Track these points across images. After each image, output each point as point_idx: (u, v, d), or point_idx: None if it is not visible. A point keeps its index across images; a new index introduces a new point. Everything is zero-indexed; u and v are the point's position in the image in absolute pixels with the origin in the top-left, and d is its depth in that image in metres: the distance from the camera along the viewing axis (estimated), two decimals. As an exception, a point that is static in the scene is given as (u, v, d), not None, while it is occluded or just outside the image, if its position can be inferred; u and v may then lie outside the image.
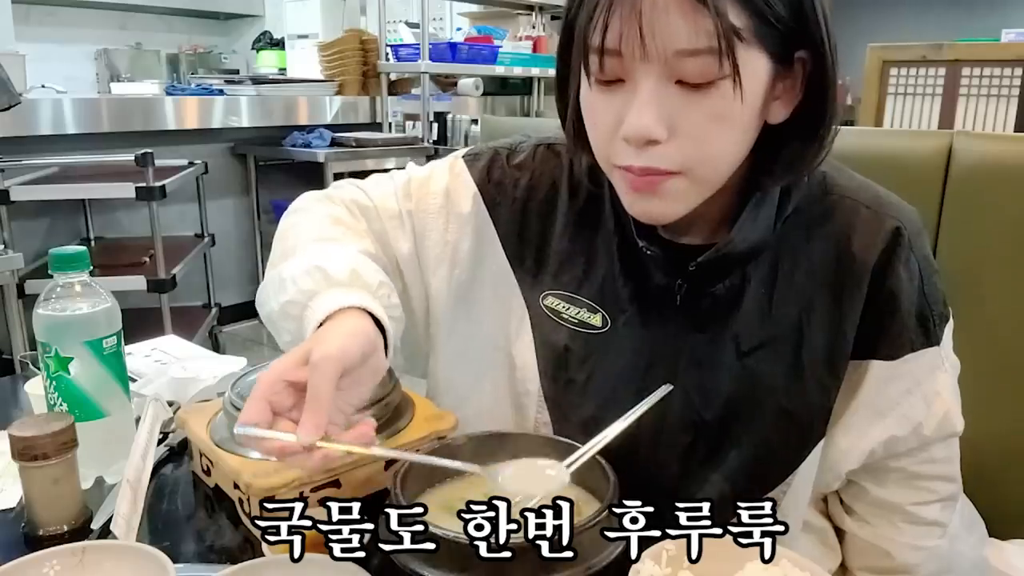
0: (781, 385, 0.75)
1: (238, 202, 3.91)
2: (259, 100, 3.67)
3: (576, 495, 0.70)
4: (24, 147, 2.94)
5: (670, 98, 0.63)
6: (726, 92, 0.62)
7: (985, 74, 2.62)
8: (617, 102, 0.65)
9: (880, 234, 0.73)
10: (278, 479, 0.69)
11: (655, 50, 0.61)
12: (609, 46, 0.63)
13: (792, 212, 0.75)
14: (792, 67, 0.67)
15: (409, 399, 0.84)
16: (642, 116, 0.63)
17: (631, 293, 0.78)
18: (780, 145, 0.70)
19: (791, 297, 0.75)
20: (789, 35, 0.64)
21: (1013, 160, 1.03)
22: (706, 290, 0.75)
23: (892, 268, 0.73)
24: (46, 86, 3.31)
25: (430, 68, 3.88)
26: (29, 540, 0.72)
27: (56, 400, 0.79)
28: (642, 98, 0.63)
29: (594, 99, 0.68)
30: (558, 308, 0.81)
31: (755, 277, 0.75)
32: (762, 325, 0.75)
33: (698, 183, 0.68)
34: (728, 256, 0.73)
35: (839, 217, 0.75)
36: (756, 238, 0.73)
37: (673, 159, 0.65)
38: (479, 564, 0.57)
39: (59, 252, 0.78)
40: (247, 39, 4.62)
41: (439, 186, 0.86)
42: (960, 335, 0.79)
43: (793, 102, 0.68)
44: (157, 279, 2.75)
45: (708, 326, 0.76)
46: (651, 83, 0.63)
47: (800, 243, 0.75)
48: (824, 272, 0.74)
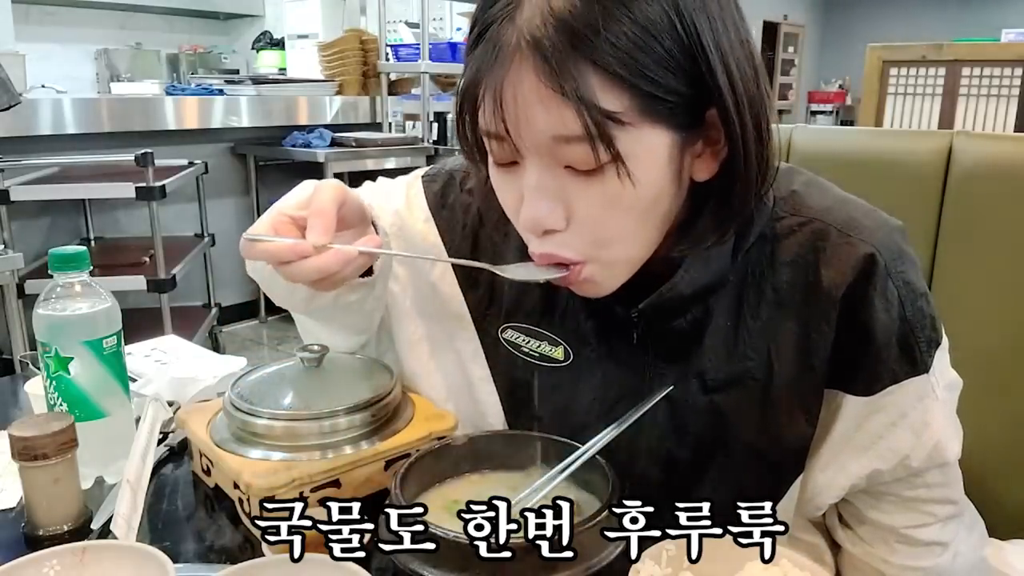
0: (753, 423, 0.71)
1: (238, 202, 3.92)
2: (259, 100, 3.67)
3: (576, 495, 0.70)
4: (24, 147, 2.94)
5: (561, 183, 0.59)
6: (614, 177, 0.58)
7: (985, 74, 2.62)
8: (516, 184, 0.62)
9: (851, 262, 0.66)
10: (278, 479, 0.69)
11: (529, 138, 0.58)
12: (490, 131, 0.60)
13: (756, 239, 0.69)
14: (705, 123, 0.61)
15: (409, 399, 0.84)
16: (535, 206, 0.60)
17: (594, 326, 0.75)
18: (705, 203, 0.64)
19: (757, 330, 0.70)
20: (689, 103, 0.58)
21: (1013, 160, 1.03)
22: (666, 326, 0.71)
23: (866, 299, 0.66)
24: (46, 86, 3.31)
25: (430, 68, 3.88)
26: (29, 540, 0.72)
27: (56, 400, 0.79)
28: (530, 188, 0.60)
29: (497, 180, 0.65)
30: (518, 342, 0.78)
31: (718, 310, 0.70)
32: (728, 360, 0.70)
33: (611, 266, 0.64)
34: (673, 299, 0.69)
35: (807, 242, 0.68)
36: (708, 278, 0.68)
37: (575, 247, 0.62)
38: (479, 564, 0.57)
39: (59, 252, 0.78)
40: (247, 39, 4.62)
41: (393, 206, 0.85)
42: (960, 336, 0.79)
43: (719, 157, 0.62)
44: (157, 279, 2.75)
45: (676, 360, 0.72)
46: (535, 171, 0.59)
47: (766, 271, 0.70)
48: (791, 302, 0.69)
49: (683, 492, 0.72)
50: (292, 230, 0.64)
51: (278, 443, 0.74)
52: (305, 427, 0.74)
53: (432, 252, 0.81)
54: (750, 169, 0.61)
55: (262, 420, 0.74)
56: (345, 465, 0.73)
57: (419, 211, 0.84)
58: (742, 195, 0.63)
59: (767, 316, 0.70)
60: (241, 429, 0.76)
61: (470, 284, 0.81)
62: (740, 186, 0.62)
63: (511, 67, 0.56)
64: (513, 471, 0.74)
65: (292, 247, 0.61)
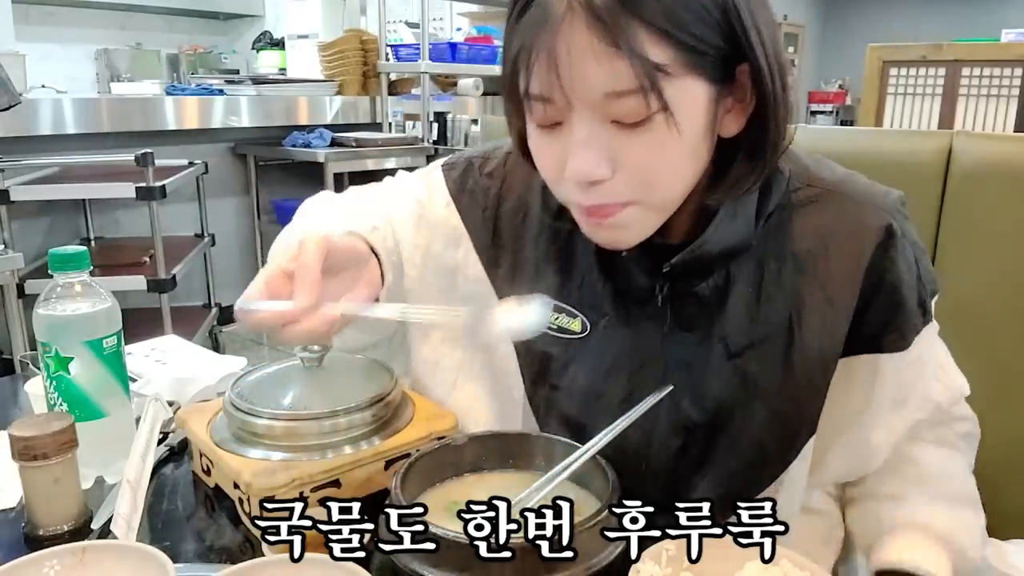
0: (772, 386, 0.74)
1: (238, 202, 3.91)
2: (259, 100, 3.67)
3: (576, 495, 0.70)
4: (24, 147, 2.94)
5: (608, 137, 0.63)
6: (661, 126, 0.62)
7: (985, 74, 2.62)
8: (559, 145, 0.65)
9: (870, 234, 0.72)
10: (278, 479, 0.70)
11: (581, 96, 0.61)
12: (539, 93, 0.63)
13: (775, 209, 0.74)
14: (736, 81, 0.66)
15: (409, 399, 0.84)
16: (582, 159, 0.63)
17: (611, 296, 0.78)
18: (734, 156, 0.69)
19: (779, 296, 0.74)
20: (724, 57, 0.63)
21: (1013, 160, 1.03)
22: (689, 290, 0.74)
23: (891, 262, 0.72)
24: (46, 86, 3.31)
25: (430, 68, 3.88)
26: (29, 540, 0.72)
27: (56, 400, 0.79)
28: (578, 142, 0.63)
29: (539, 142, 0.68)
30: None
31: (740, 276, 0.74)
32: (751, 325, 0.74)
33: (652, 209, 0.68)
34: (703, 257, 0.72)
35: (825, 213, 0.74)
36: (733, 238, 0.72)
37: (621, 193, 0.65)
38: (479, 564, 0.57)
39: (59, 252, 0.78)
40: (247, 39, 4.62)
41: (413, 195, 0.87)
42: (960, 335, 0.80)
43: (747, 112, 0.67)
44: (157, 279, 2.75)
45: (695, 327, 0.75)
46: (585, 126, 0.63)
47: (785, 240, 0.74)
48: (813, 270, 0.73)
49: (701, 457, 0.77)
50: (286, 285, 0.64)
51: (278, 443, 0.74)
52: (305, 427, 0.74)
53: (454, 235, 0.84)
54: (779, 119, 0.66)
55: (262, 420, 0.74)
56: (345, 465, 0.73)
57: (439, 197, 0.86)
58: (771, 144, 0.68)
59: (789, 283, 0.74)
60: (241, 429, 0.76)
61: (493, 263, 0.83)
62: (770, 134, 0.67)
63: (563, 28, 0.60)
64: (513, 471, 0.74)
65: (279, 316, 0.62)
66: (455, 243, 0.84)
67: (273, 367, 0.83)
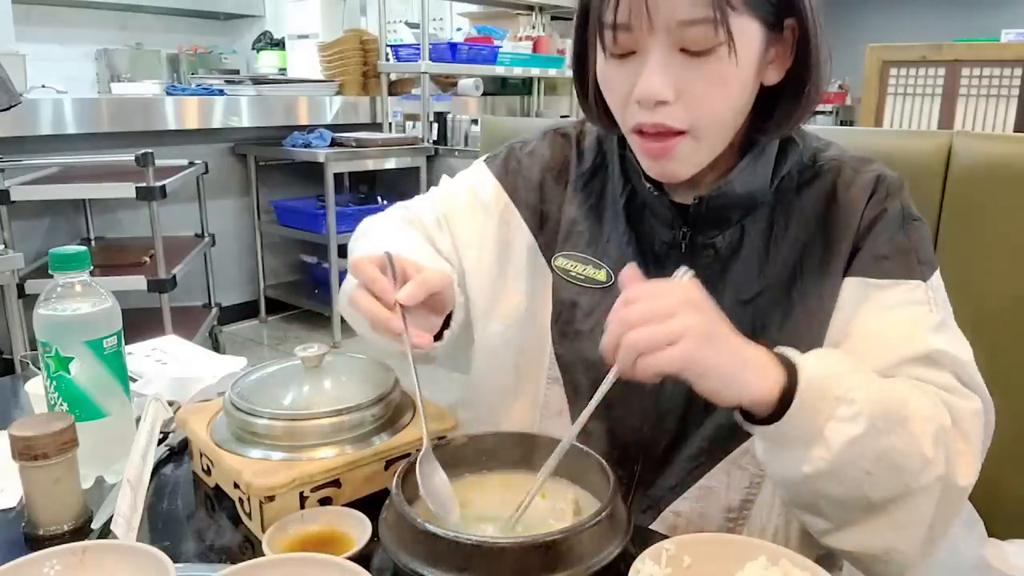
0: (776, 324, 0.80)
1: (238, 202, 3.91)
2: (259, 100, 3.67)
3: (576, 495, 0.70)
4: (24, 147, 2.94)
5: (675, 64, 0.71)
6: (723, 57, 0.70)
7: (985, 74, 2.62)
8: (630, 72, 0.74)
9: (864, 184, 0.81)
10: (278, 479, 0.70)
11: (659, 22, 0.70)
12: (620, 21, 0.71)
13: (786, 175, 0.82)
14: (782, 34, 0.75)
15: (409, 398, 0.84)
16: (651, 81, 0.72)
17: (635, 249, 0.86)
18: (774, 104, 0.78)
19: (785, 247, 0.81)
20: (777, 4, 0.73)
21: (1013, 160, 1.03)
22: (707, 241, 0.82)
23: (876, 204, 0.80)
24: (46, 86, 3.31)
25: (430, 68, 3.88)
26: (29, 540, 0.72)
27: (56, 400, 0.79)
28: (651, 65, 0.71)
29: (610, 71, 0.76)
30: (567, 267, 0.90)
31: (753, 231, 0.82)
32: (760, 274, 0.81)
33: (703, 141, 0.76)
34: (728, 197, 0.80)
35: (827, 177, 0.83)
36: (754, 186, 0.81)
37: (680, 118, 0.73)
38: (479, 564, 0.57)
39: (59, 252, 0.78)
40: (247, 39, 4.62)
41: (463, 186, 0.97)
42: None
43: (786, 65, 0.76)
44: (157, 279, 2.75)
45: (709, 277, 0.79)
46: (658, 52, 0.71)
47: (793, 200, 0.82)
48: (816, 223, 0.81)
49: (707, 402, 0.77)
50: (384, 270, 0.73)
51: (278, 443, 0.74)
52: (305, 427, 0.74)
53: (505, 212, 0.93)
54: (819, 67, 0.75)
55: (262, 420, 0.74)
56: (345, 465, 0.73)
57: (488, 182, 0.96)
58: (813, 88, 0.76)
59: (794, 234, 0.82)
60: (241, 429, 0.76)
61: (538, 228, 0.93)
62: (811, 79, 0.75)
63: None
64: (513, 471, 0.74)
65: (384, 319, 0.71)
66: (506, 220, 0.93)
67: (273, 367, 0.83)
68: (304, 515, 0.70)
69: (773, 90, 0.77)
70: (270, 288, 4.08)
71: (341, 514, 0.70)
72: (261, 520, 0.70)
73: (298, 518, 0.69)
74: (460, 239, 0.94)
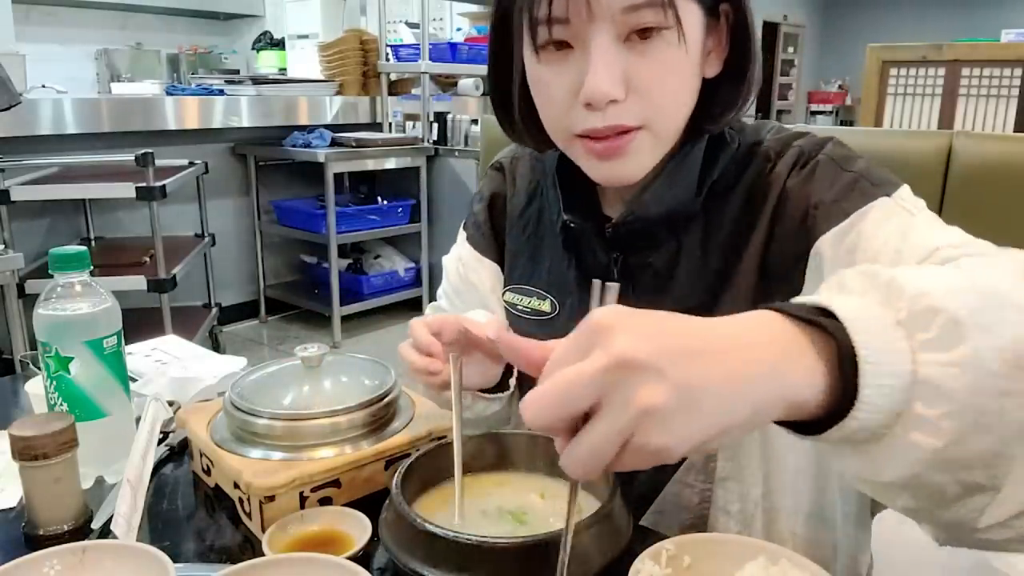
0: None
1: (238, 202, 3.92)
2: (259, 100, 3.67)
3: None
4: (24, 147, 2.94)
5: (622, 56, 0.66)
6: (672, 42, 0.66)
7: (985, 74, 2.62)
8: (570, 70, 0.68)
9: (786, 160, 0.75)
10: (278, 479, 0.69)
11: (601, 10, 0.64)
12: (556, 15, 0.66)
13: (720, 176, 0.76)
14: (718, 21, 0.72)
15: (409, 399, 0.84)
16: (599, 78, 0.65)
17: (576, 277, 0.83)
18: (713, 95, 0.74)
19: (717, 253, 0.76)
20: None
21: (1013, 160, 1.03)
22: (643, 260, 0.78)
23: (800, 170, 0.73)
24: (46, 86, 3.31)
25: (430, 68, 3.88)
26: (29, 540, 0.72)
27: (56, 400, 0.79)
28: (597, 60, 0.66)
29: (544, 73, 0.70)
30: (514, 301, 0.89)
31: (688, 243, 0.77)
32: (699, 282, 0.77)
33: (657, 135, 0.71)
34: (642, 219, 0.75)
35: (753, 168, 0.77)
36: (673, 203, 0.75)
37: (633, 113, 0.68)
38: (479, 564, 0.57)
39: (59, 252, 0.78)
40: (247, 39, 4.62)
41: (453, 261, 0.97)
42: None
43: (722, 56, 0.73)
44: (157, 279, 2.75)
45: (650, 295, 0.77)
46: (603, 44, 0.66)
47: (724, 203, 0.77)
48: (747, 218, 0.75)
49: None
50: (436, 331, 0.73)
51: (278, 443, 0.74)
52: (305, 427, 0.74)
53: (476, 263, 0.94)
54: (746, 64, 0.72)
55: (262, 420, 0.74)
56: (345, 465, 0.73)
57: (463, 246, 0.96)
58: (751, 77, 0.73)
59: (726, 234, 0.76)
60: (241, 429, 0.76)
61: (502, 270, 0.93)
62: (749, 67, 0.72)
63: None
64: (512, 471, 0.74)
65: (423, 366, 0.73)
66: (488, 274, 0.93)
67: (273, 367, 0.83)
68: (304, 515, 0.70)
69: (711, 81, 0.73)
70: (270, 288, 4.08)
71: (341, 514, 0.70)
72: (261, 520, 0.70)
73: (298, 518, 0.69)
74: (468, 305, 0.94)
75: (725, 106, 0.74)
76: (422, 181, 3.88)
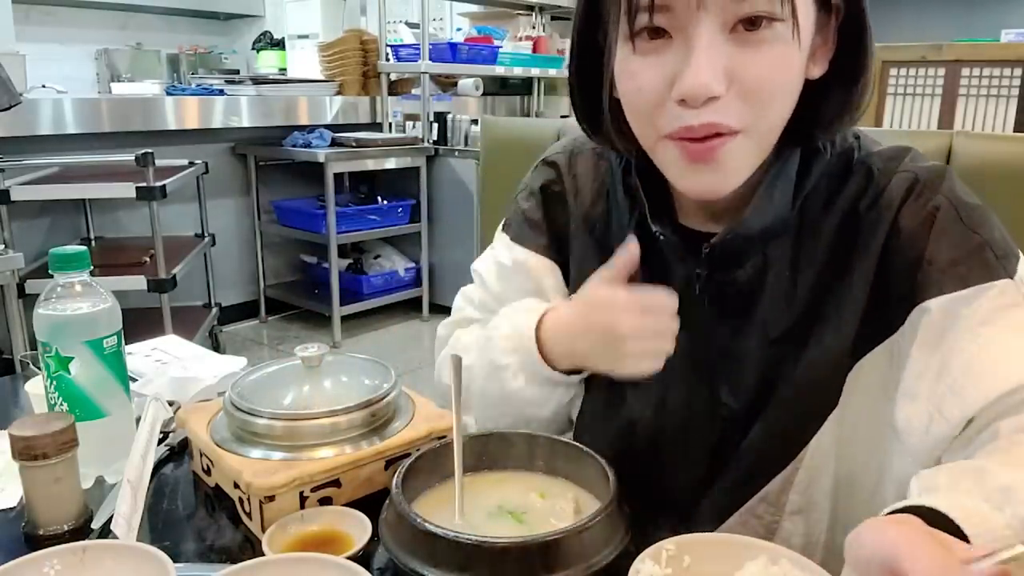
0: (804, 364, 0.72)
1: (238, 202, 3.92)
2: (259, 100, 3.67)
3: (576, 495, 0.70)
4: (24, 147, 2.94)
5: (727, 49, 0.61)
6: (784, 36, 0.60)
7: (985, 74, 2.62)
8: (666, 63, 0.62)
9: (897, 191, 0.69)
10: (278, 479, 0.69)
11: None
12: (658, 2, 0.60)
13: (813, 188, 0.71)
14: (829, 16, 0.65)
15: (409, 399, 0.84)
16: (701, 71, 0.60)
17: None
18: (820, 100, 0.67)
19: (811, 275, 0.71)
20: None
21: (1013, 160, 1.03)
22: (727, 277, 0.73)
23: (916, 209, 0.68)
24: (46, 86, 3.31)
25: (430, 68, 3.88)
26: (29, 540, 0.72)
27: (56, 400, 0.79)
28: (699, 51, 0.60)
29: (637, 66, 0.64)
30: None
31: (777, 259, 0.72)
32: (788, 308, 0.72)
33: (755, 142, 0.65)
34: (742, 237, 0.70)
35: (853, 185, 0.71)
36: (771, 218, 0.70)
37: (733, 114, 0.62)
38: (479, 564, 0.57)
39: (59, 252, 0.78)
40: (247, 39, 4.62)
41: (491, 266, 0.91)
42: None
43: (828, 56, 0.67)
44: (157, 279, 2.75)
45: (734, 315, 0.74)
46: (708, 33, 0.60)
47: (819, 216, 0.72)
48: (838, 241, 0.71)
49: (736, 443, 0.76)
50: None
51: (278, 443, 0.74)
52: (305, 427, 0.74)
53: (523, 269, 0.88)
54: (860, 63, 0.66)
55: (262, 420, 0.74)
56: (345, 465, 0.73)
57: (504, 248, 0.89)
58: (862, 83, 0.67)
59: (820, 259, 0.71)
60: (241, 429, 0.76)
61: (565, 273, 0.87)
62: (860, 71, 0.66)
63: None
64: (512, 471, 0.74)
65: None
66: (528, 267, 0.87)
67: (273, 367, 0.83)
68: (304, 515, 0.70)
69: (815, 84, 0.67)
70: (270, 288, 4.09)
71: (341, 514, 0.70)
72: (261, 520, 0.70)
73: (298, 518, 0.69)
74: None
75: (837, 113, 0.68)
76: (422, 181, 3.88)
